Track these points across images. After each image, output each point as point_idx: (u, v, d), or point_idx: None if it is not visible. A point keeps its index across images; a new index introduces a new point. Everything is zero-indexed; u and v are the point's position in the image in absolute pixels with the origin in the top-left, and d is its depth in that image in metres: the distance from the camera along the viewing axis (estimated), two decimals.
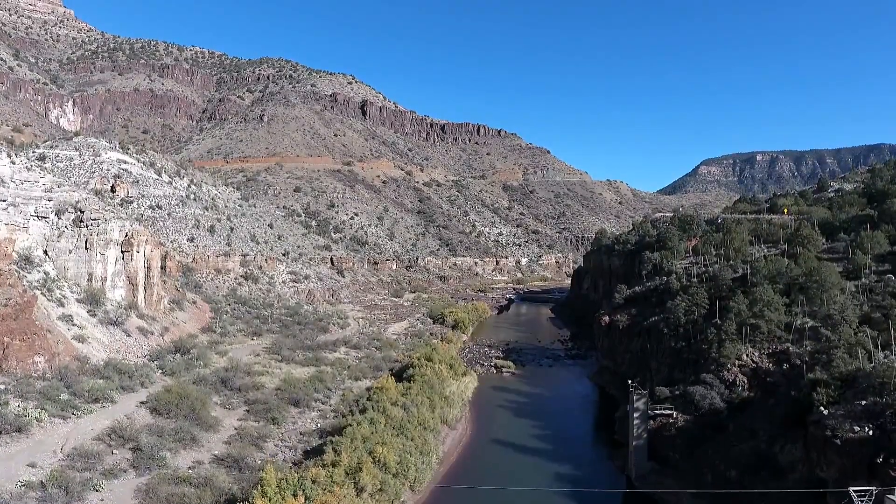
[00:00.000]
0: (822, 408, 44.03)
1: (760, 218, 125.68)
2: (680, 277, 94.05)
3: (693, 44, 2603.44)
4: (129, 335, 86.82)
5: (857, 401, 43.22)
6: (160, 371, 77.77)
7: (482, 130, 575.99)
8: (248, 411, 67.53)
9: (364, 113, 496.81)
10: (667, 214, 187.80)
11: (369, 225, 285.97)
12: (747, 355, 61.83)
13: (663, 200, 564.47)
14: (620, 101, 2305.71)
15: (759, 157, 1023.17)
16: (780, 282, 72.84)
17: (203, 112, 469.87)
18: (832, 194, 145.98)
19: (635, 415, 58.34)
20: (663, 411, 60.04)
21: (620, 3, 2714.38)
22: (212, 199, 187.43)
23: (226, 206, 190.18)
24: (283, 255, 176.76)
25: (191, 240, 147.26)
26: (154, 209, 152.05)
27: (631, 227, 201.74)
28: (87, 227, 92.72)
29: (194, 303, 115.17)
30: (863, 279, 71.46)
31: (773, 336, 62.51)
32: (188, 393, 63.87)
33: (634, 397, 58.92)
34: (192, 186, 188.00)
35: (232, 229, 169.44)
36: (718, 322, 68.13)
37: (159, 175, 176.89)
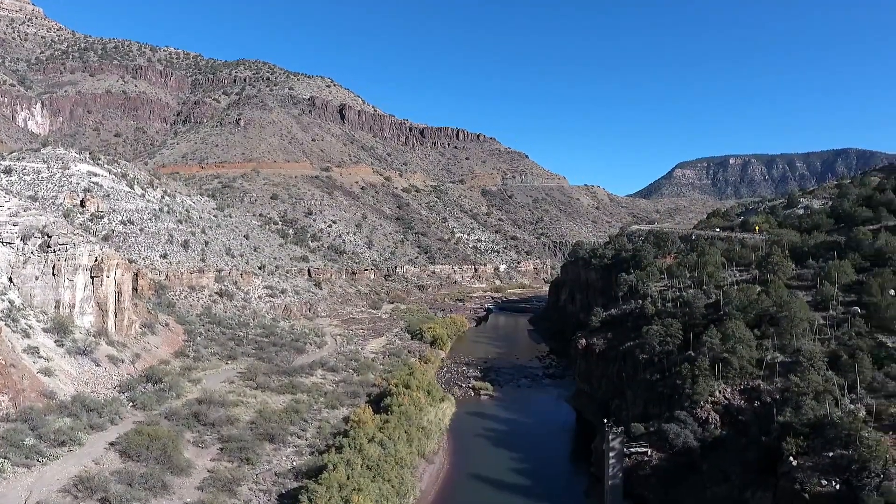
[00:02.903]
0: (791, 458, 44.94)
1: (733, 237, 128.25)
2: (655, 302, 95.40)
3: (669, 50, 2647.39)
4: (98, 365, 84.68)
5: (825, 451, 44.20)
6: (131, 404, 76.04)
7: (461, 135, 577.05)
8: (221, 450, 66.27)
9: (343, 117, 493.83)
10: (643, 228, 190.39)
11: (347, 233, 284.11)
12: (720, 391, 62.87)
13: (639, 205, 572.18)
14: (597, 106, 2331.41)
15: (731, 161, 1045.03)
16: (752, 312, 74.34)
17: (177, 115, 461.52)
18: (801, 211, 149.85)
19: (611, 454, 58.88)
20: (638, 449, 60.68)
21: (597, 10, 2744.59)
22: (186, 210, 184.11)
23: (200, 218, 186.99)
24: (260, 268, 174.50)
25: (164, 256, 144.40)
26: (126, 224, 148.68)
27: (608, 240, 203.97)
28: (54, 252, 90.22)
29: (167, 325, 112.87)
30: (830, 311, 73.25)
31: (744, 372, 63.67)
32: (159, 434, 62.43)
33: (610, 436, 59.45)
34: (166, 198, 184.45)
35: (206, 243, 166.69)
36: (692, 355, 69.20)
37: (131, 187, 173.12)
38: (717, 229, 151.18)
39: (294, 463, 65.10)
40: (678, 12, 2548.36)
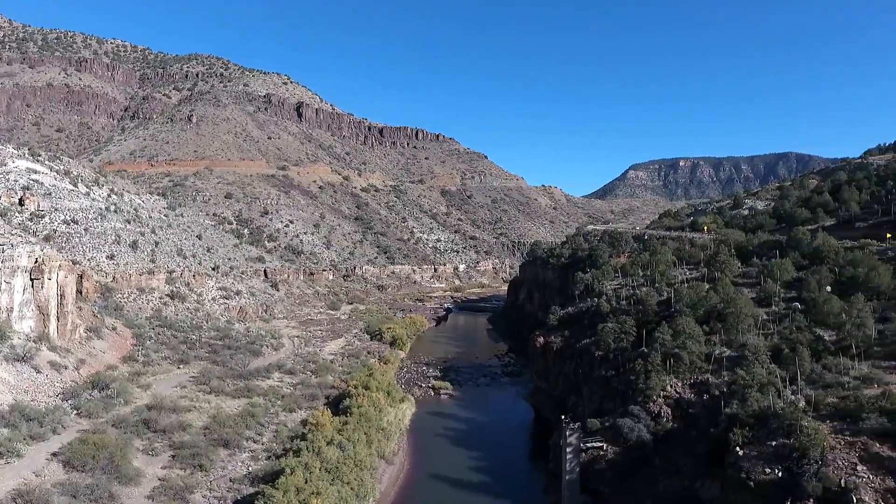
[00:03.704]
0: (737, 448, 46.85)
1: (683, 237, 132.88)
2: (609, 300, 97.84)
3: (623, 53, 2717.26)
4: (39, 372, 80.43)
5: (769, 441, 46.25)
6: (75, 412, 72.60)
7: (420, 135, 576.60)
8: (173, 457, 64.11)
9: (300, 115, 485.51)
10: (598, 228, 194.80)
11: (305, 233, 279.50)
12: (671, 386, 64.92)
13: (595, 205, 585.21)
14: (554, 108, 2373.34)
15: (682, 163, 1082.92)
16: (701, 309, 77.19)
17: (125, 110, 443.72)
18: (746, 212, 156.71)
19: (568, 449, 59.97)
20: (594, 444, 62.03)
21: (551, 12, 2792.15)
22: (134, 209, 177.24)
23: (150, 218, 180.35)
24: (213, 269, 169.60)
25: (111, 257, 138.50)
26: (69, 224, 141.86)
27: (565, 240, 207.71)
28: None
29: (114, 329, 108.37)
30: (773, 307, 76.78)
31: (694, 366, 65.93)
32: (106, 443, 59.85)
33: (567, 432, 60.56)
34: (113, 196, 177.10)
35: (157, 243, 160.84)
36: (645, 351, 71.23)
37: (75, 185, 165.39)
38: (669, 230, 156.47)
39: (250, 468, 63.65)
40: (634, 15, 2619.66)
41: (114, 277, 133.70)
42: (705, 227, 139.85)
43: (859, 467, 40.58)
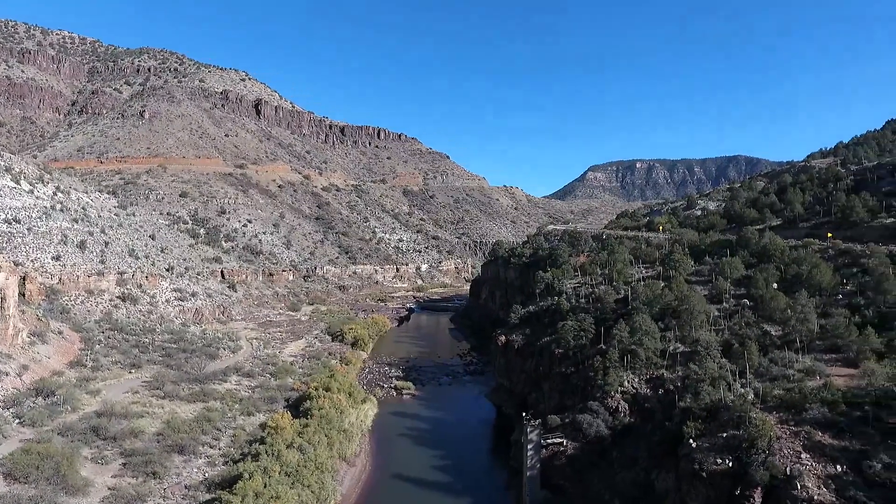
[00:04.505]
0: (690, 440, 48.39)
1: (640, 237, 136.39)
2: (569, 298, 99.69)
3: (581, 57, 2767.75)
4: None
5: (720, 433, 47.97)
6: (17, 421, 69.09)
7: (382, 134, 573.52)
8: (124, 465, 61.73)
9: (258, 112, 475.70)
10: (558, 228, 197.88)
11: (264, 233, 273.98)
12: (628, 381, 66.53)
13: (555, 206, 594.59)
14: (516, 109, 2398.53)
15: (638, 165, 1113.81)
16: (656, 306, 79.38)
17: (72, 105, 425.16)
18: (699, 212, 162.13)
19: (529, 446, 60.68)
20: (554, 440, 62.96)
21: (508, 15, 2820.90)
22: (82, 208, 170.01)
23: (99, 217, 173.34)
24: (167, 270, 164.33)
25: (56, 258, 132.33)
26: (10, 223, 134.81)
27: (526, 240, 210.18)
28: None
29: (60, 333, 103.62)
30: (724, 303, 79.63)
31: (650, 362, 67.73)
32: (51, 452, 57.15)
33: (528, 429, 61.27)
34: (59, 194, 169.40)
35: (107, 243, 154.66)
36: (603, 348, 72.80)
37: (17, 182, 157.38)
38: (626, 230, 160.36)
39: (206, 474, 61.88)
40: (591, 20, 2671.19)
41: (60, 279, 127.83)
42: (660, 227, 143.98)
43: (803, 455, 42.50)
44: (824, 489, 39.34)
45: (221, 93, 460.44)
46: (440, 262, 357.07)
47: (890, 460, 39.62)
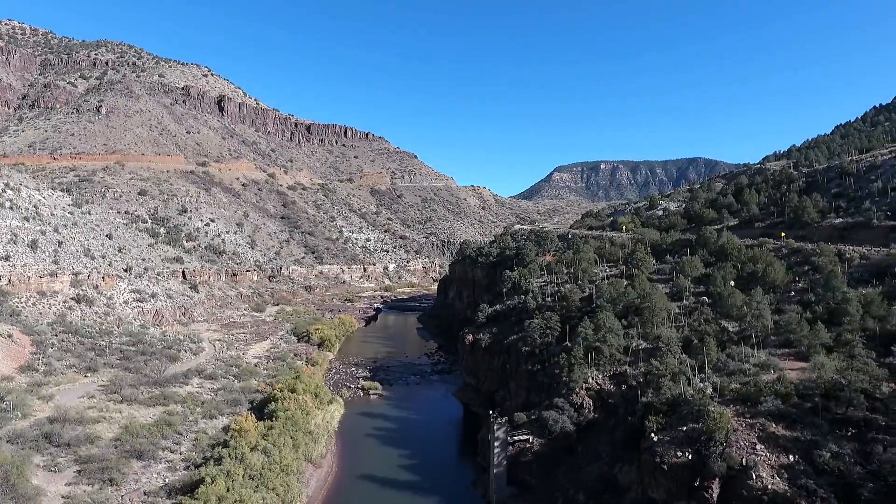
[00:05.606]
0: (652, 434, 49.59)
1: (604, 236, 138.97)
2: (536, 297, 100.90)
3: (546, 58, 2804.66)
4: None
5: (680, 426, 49.31)
6: None
7: (349, 133, 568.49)
8: (79, 472, 59.58)
9: (221, 109, 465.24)
10: (525, 227, 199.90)
11: (227, 232, 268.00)
12: (593, 378, 67.76)
13: (522, 206, 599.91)
14: (483, 109, 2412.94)
15: (602, 166, 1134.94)
16: (620, 304, 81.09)
17: (23, 98, 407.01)
18: (661, 213, 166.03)
19: (496, 444, 61.16)
20: (521, 437, 63.64)
21: (478, 14, 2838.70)
22: (33, 206, 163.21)
23: (52, 215, 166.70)
24: (126, 270, 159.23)
25: (6, 258, 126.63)
26: None
27: (493, 239, 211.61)
28: None
29: (10, 336, 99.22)
30: (684, 301, 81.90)
31: (614, 359, 69.14)
32: (0, 460, 54.67)
33: (495, 427, 61.74)
34: (8, 192, 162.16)
35: (60, 243, 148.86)
36: (569, 346, 73.93)
37: None
38: (591, 229, 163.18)
39: (167, 480, 60.22)
40: (558, 20, 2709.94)
41: (9, 280, 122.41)
42: (624, 227, 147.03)
43: (758, 446, 44.07)
44: (777, 478, 40.88)
45: (183, 88, 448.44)
46: (408, 262, 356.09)
47: (838, 449, 41.44)
